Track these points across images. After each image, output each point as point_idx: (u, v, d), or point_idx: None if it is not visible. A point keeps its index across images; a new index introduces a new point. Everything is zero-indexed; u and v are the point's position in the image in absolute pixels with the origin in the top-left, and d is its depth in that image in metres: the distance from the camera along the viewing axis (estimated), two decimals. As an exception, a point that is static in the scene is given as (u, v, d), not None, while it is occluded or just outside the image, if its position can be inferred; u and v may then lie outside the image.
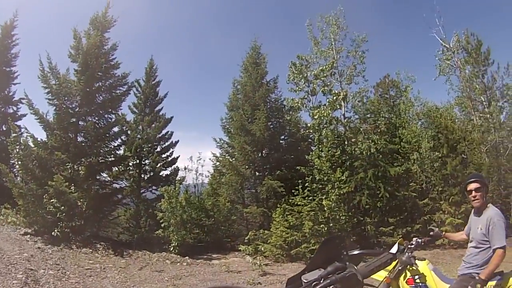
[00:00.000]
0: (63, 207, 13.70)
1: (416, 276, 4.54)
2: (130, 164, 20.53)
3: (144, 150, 21.39)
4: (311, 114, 19.92)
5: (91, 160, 16.01)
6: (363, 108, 21.60)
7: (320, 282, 1.68)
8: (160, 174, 21.85)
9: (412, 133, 21.00)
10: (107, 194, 17.07)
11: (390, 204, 17.95)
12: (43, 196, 13.65)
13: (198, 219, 18.48)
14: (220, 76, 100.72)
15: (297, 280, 1.81)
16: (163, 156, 22.26)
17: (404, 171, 18.21)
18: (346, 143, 19.75)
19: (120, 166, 18.24)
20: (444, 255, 14.02)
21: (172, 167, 22.41)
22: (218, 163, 22.87)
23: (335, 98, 19.57)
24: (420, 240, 4.90)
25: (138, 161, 21.22)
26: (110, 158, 17.42)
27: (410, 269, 4.58)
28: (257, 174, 21.40)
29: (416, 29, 69.39)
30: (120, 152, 18.29)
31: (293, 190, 17.16)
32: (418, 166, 19.19)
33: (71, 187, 14.11)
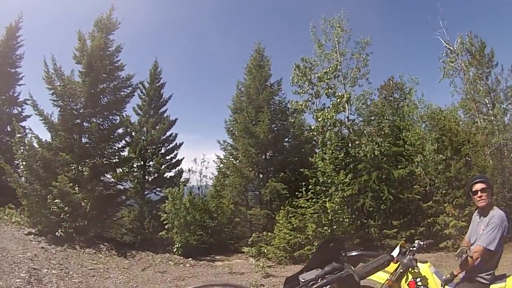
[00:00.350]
0: (67, 208, 13.76)
1: (417, 279, 4.54)
2: (134, 165, 20.61)
3: (149, 151, 21.46)
4: (315, 116, 19.95)
5: (95, 161, 16.09)
6: (367, 111, 21.61)
7: (317, 282, 1.70)
8: (164, 175, 21.89)
9: (416, 135, 21.00)
10: (111, 195, 17.11)
11: (393, 207, 17.88)
12: (47, 196, 13.70)
13: (201, 220, 18.52)
14: (224, 78, 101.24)
15: (295, 280, 1.83)
16: (167, 158, 22.32)
17: (408, 174, 18.15)
18: (350, 145, 19.73)
19: (124, 168, 18.27)
20: (447, 258, 13.94)
21: (176, 169, 22.51)
22: (222, 165, 22.95)
23: (339, 100, 19.59)
24: (422, 242, 4.90)
25: (142, 162, 21.28)
26: (114, 160, 17.48)
27: (412, 271, 4.58)
28: (260, 176, 21.42)
29: (419, 31, 69.66)
30: (124, 153, 18.32)
31: (296, 192, 17.15)
32: (422, 169, 19.14)
33: (75, 188, 14.20)
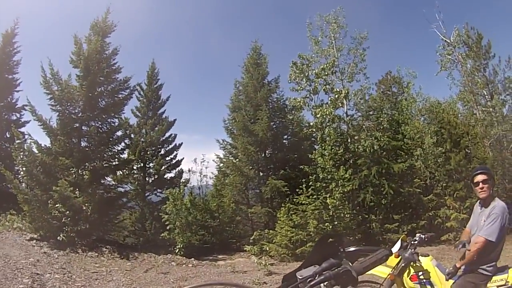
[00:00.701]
0: (68, 212, 13.78)
1: (419, 273, 4.56)
2: (134, 167, 20.65)
3: (148, 153, 21.45)
4: (313, 113, 19.93)
5: (95, 165, 16.10)
6: (365, 106, 21.58)
7: (314, 279, 1.70)
8: (165, 176, 21.91)
9: (415, 129, 20.96)
10: (112, 198, 17.10)
11: (394, 201, 17.92)
12: (48, 201, 13.72)
13: (203, 220, 18.56)
14: (222, 78, 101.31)
15: (292, 277, 1.83)
16: (167, 158, 22.34)
17: (407, 168, 18.16)
18: (349, 141, 19.70)
19: (125, 170, 18.27)
20: (449, 251, 13.95)
21: (176, 170, 22.56)
22: (222, 165, 22.96)
23: (337, 96, 19.55)
24: (423, 236, 4.91)
25: (142, 164, 21.29)
26: (114, 162, 17.47)
27: (414, 265, 4.60)
28: (261, 174, 21.41)
29: (416, 25, 69.68)
30: (124, 156, 18.36)
31: (297, 189, 17.15)
32: (421, 162, 19.12)
33: (76, 192, 14.22)
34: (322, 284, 1.68)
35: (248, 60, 22.66)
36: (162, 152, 22.33)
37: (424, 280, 4.51)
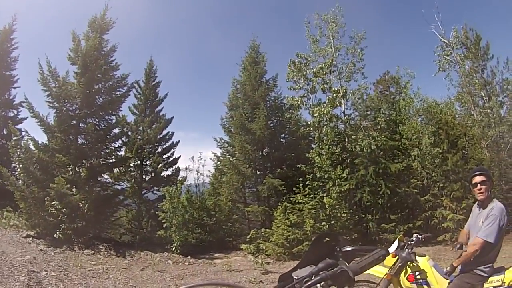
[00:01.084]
0: (65, 209, 13.77)
1: (416, 273, 4.57)
2: (131, 165, 20.63)
3: (145, 151, 21.39)
4: (311, 112, 19.96)
5: (92, 162, 16.06)
6: (363, 105, 21.59)
7: (311, 279, 1.69)
8: (162, 174, 21.86)
9: (412, 129, 20.94)
10: (108, 195, 17.10)
11: (391, 201, 17.94)
12: (45, 198, 13.71)
13: (199, 219, 18.57)
14: (220, 75, 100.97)
15: (289, 277, 1.82)
16: (164, 156, 22.28)
17: (404, 168, 18.18)
18: (346, 140, 19.75)
19: (121, 167, 18.28)
20: (446, 251, 13.98)
21: (173, 168, 22.48)
22: (219, 163, 22.94)
23: (335, 95, 19.58)
24: (420, 236, 4.93)
25: (139, 162, 21.23)
26: (111, 160, 17.46)
27: (411, 265, 4.61)
28: (258, 173, 21.38)
29: (414, 25, 69.57)
30: (121, 153, 18.32)
31: (294, 188, 17.20)
32: (418, 162, 19.11)
33: (73, 189, 14.22)
34: (318, 285, 1.67)
35: (246, 58, 22.58)
36: (159, 150, 22.27)
37: (421, 280, 4.51)
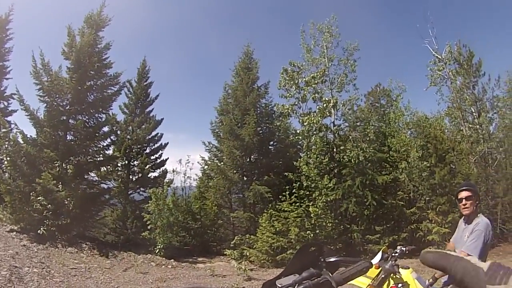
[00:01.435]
0: (50, 205, 13.67)
1: (399, 284, 4.57)
2: (119, 164, 20.52)
3: (133, 151, 21.25)
4: (300, 120, 20.04)
5: (80, 159, 15.97)
6: (353, 116, 21.66)
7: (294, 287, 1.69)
8: (149, 175, 21.69)
9: (401, 142, 21.12)
10: (94, 194, 16.98)
11: (377, 212, 18.04)
12: (31, 193, 13.61)
13: (184, 222, 18.51)
14: (212, 79, 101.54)
15: (272, 285, 1.82)
16: (152, 158, 22.13)
17: (392, 180, 18.33)
18: (334, 150, 19.83)
19: (109, 166, 18.19)
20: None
21: (161, 169, 22.33)
22: (207, 167, 22.87)
23: (325, 105, 19.67)
24: (404, 248, 4.93)
25: (127, 162, 21.09)
26: (99, 158, 17.34)
27: (394, 277, 4.60)
28: (244, 179, 21.36)
29: (408, 39, 70.34)
30: (109, 152, 18.18)
31: (280, 196, 17.24)
32: (406, 175, 19.27)
33: (59, 186, 14.10)
34: None
35: (239, 64, 22.61)
36: (148, 150, 22.12)
37: (404, 291, 4.52)
